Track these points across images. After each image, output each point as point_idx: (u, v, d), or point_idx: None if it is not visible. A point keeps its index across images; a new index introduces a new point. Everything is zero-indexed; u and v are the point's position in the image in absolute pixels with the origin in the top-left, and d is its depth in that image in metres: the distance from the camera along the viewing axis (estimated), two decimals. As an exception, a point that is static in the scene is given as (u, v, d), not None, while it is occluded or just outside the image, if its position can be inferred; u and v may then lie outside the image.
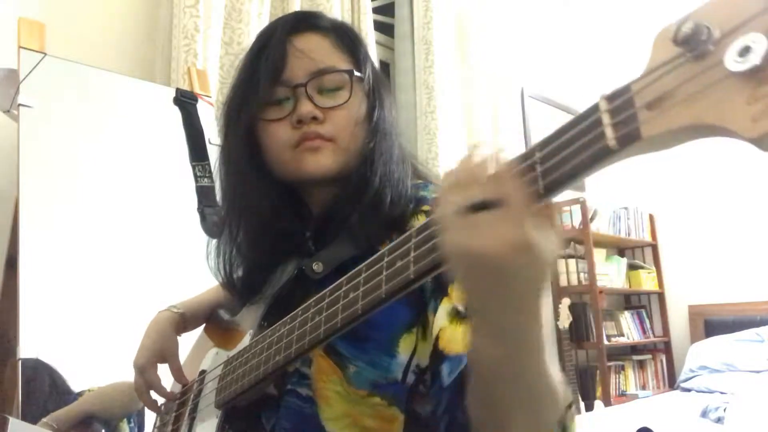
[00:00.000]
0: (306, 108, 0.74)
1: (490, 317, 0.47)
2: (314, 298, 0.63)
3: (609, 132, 0.38)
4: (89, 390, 1.20)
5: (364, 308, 0.55)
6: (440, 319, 0.65)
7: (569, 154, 0.40)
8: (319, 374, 0.72)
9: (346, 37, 0.81)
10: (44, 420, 1.09)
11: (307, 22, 0.80)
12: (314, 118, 0.74)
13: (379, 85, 0.82)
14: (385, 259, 0.54)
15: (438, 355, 0.63)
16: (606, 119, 0.38)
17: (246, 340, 0.79)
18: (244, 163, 0.79)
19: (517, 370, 0.49)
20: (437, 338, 0.64)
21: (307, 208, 0.82)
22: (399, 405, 0.69)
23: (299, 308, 0.66)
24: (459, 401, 0.58)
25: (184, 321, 0.92)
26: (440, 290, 0.67)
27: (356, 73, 0.78)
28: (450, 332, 0.63)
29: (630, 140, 0.37)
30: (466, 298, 0.49)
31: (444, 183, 0.46)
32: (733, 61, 0.33)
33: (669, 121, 0.36)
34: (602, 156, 0.38)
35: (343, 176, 0.76)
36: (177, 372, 0.89)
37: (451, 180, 0.45)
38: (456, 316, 0.64)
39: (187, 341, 0.96)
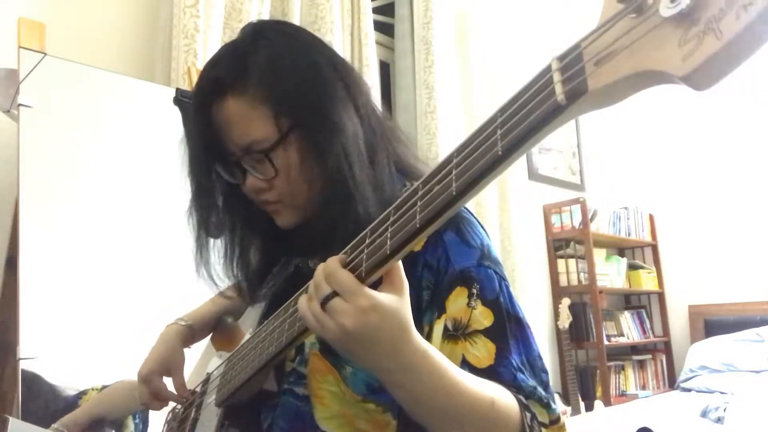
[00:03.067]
0: (249, 184, 0.76)
1: (379, 369, 0.58)
2: (303, 287, 0.64)
3: (558, 88, 0.40)
4: (93, 389, 1.20)
5: None
6: (435, 338, 0.68)
7: (524, 114, 0.42)
8: (314, 374, 0.73)
9: (258, 77, 0.72)
10: (54, 426, 1.09)
11: (221, 84, 0.73)
12: (260, 192, 0.76)
13: (319, 96, 0.72)
14: (366, 240, 0.56)
15: None
16: (557, 77, 0.40)
17: (245, 338, 0.79)
18: (228, 215, 0.82)
19: (421, 401, 0.59)
20: None
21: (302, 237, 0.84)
22: (392, 411, 0.70)
23: (289, 300, 0.67)
24: None
25: (192, 333, 0.93)
26: (436, 305, 0.69)
27: (270, 144, 0.71)
28: (440, 349, 0.65)
29: (577, 94, 0.39)
30: (359, 362, 0.59)
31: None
32: (665, 8, 0.34)
33: (612, 73, 0.37)
34: (553, 112, 0.40)
35: (314, 211, 0.75)
36: (180, 387, 0.89)
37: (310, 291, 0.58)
38: (446, 335, 0.68)
39: (195, 352, 0.96)
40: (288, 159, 0.73)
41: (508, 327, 0.67)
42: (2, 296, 1.43)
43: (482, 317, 0.67)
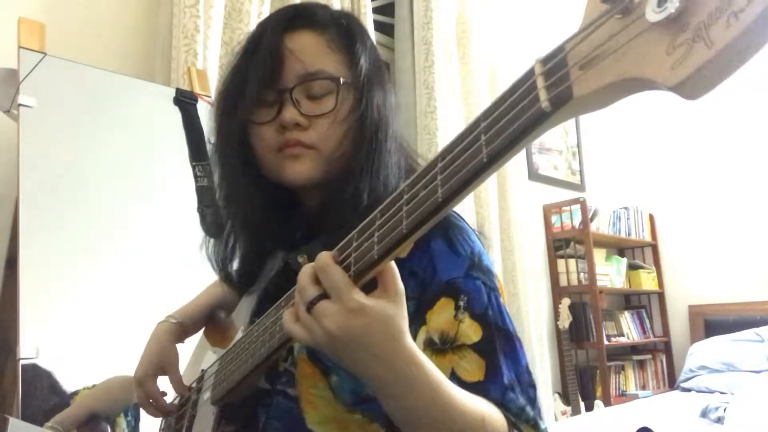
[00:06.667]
0: (289, 114, 0.72)
1: (371, 377, 0.55)
2: (294, 287, 0.64)
3: (542, 94, 0.38)
4: (85, 388, 1.20)
5: None
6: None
7: (508, 121, 0.40)
8: (303, 378, 0.73)
9: (343, 32, 0.77)
10: (48, 424, 1.09)
11: (303, 18, 0.76)
12: (297, 125, 0.73)
13: (373, 81, 0.77)
14: (354, 243, 0.55)
15: None
16: (540, 82, 0.38)
17: (238, 336, 0.79)
18: (235, 164, 0.78)
19: (415, 414, 0.57)
20: None
21: (301, 205, 0.82)
22: (380, 420, 0.70)
23: (281, 299, 0.66)
24: None
25: (183, 329, 0.93)
26: (419, 317, 0.68)
27: (343, 80, 0.74)
28: None
29: (562, 101, 0.37)
30: (351, 369, 0.57)
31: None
32: (652, 12, 0.33)
33: (598, 79, 0.35)
34: (538, 120, 0.38)
35: (328, 179, 0.75)
36: (177, 384, 0.89)
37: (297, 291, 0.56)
38: (429, 346, 0.66)
39: (189, 346, 0.96)
40: (341, 105, 0.74)
41: (497, 342, 0.66)
42: (2, 296, 1.43)
43: (470, 331, 0.66)
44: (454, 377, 0.63)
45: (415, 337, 0.67)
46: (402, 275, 0.66)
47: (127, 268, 1.37)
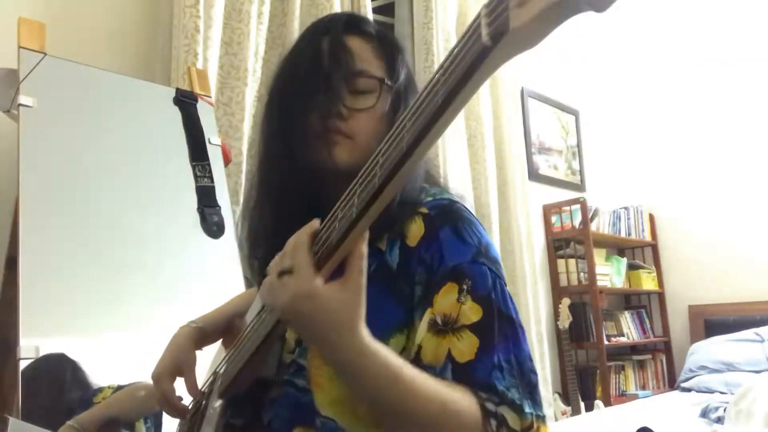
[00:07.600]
0: (334, 105, 0.79)
1: (322, 351, 0.61)
2: None
3: (484, 31, 0.42)
4: (109, 387, 1.20)
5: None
6: (422, 329, 0.69)
7: (459, 61, 0.45)
8: (313, 360, 0.75)
9: (386, 45, 0.86)
10: (69, 423, 1.09)
11: (356, 26, 0.85)
12: (340, 115, 0.79)
13: (408, 92, 0.85)
14: (338, 211, 0.59)
15: (417, 365, 0.66)
16: (484, 21, 0.42)
17: (246, 330, 0.80)
18: (284, 155, 0.82)
19: (367, 398, 0.62)
20: (419, 347, 0.69)
21: (330, 193, 0.84)
22: None
23: None
24: None
25: (203, 335, 0.94)
26: (426, 300, 0.71)
27: (386, 81, 0.82)
28: (425, 343, 0.68)
29: (500, 34, 0.40)
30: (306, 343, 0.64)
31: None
32: None
33: (531, 9, 0.39)
34: (481, 55, 0.42)
35: (357, 170, 0.78)
36: (192, 387, 0.89)
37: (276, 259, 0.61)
38: (432, 328, 0.68)
39: (208, 354, 0.96)
40: (382, 102, 0.81)
41: (496, 324, 0.67)
42: (2, 296, 1.43)
43: (470, 312, 0.68)
44: (449, 359, 0.66)
45: (421, 319, 0.70)
46: (412, 263, 0.73)
47: (127, 268, 1.37)
